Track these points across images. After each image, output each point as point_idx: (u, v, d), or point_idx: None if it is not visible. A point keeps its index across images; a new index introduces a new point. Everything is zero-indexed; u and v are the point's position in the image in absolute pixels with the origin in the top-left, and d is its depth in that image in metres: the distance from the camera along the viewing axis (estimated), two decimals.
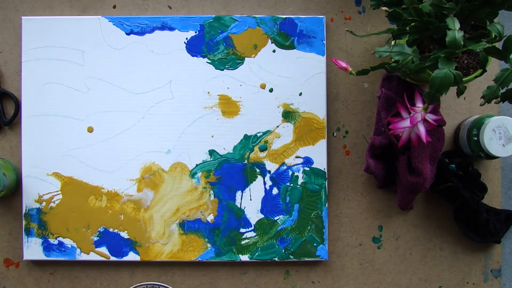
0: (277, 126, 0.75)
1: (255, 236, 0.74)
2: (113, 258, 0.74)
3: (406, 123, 0.66)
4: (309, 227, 0.74)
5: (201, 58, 0.75)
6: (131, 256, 0.74)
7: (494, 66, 0.75)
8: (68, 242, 0.74)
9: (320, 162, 0.75)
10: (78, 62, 0.75)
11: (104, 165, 0.74)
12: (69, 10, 0.77)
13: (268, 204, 0.75)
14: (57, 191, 0.74)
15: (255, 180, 0.75)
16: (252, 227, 0.74)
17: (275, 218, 0.75)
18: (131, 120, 0.75)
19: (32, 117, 0.74)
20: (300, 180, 0.75)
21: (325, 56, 0.75)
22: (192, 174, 0.75)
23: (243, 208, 0.75)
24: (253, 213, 0.75)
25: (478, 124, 0.69)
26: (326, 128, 0.75)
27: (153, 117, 0.75)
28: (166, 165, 0.75)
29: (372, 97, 0.76)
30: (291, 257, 0.74)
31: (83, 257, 0.74)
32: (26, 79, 0.75)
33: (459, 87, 0.56)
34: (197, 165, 0.75)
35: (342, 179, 0.76)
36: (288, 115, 0.75)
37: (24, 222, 0.74)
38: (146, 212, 0.74)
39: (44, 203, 0.74)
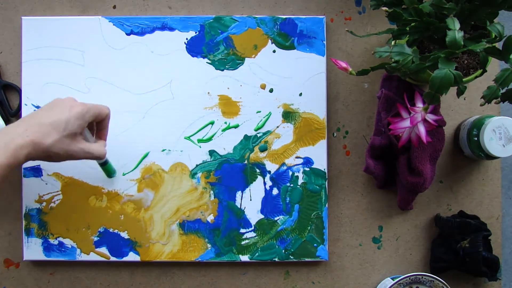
0: (277, 127, 0.75)
1: (255, 236, 0.74)
2: (113, 259, 0.74)
3: (406, 123, 0.66)
4: (309, 228, 0.74)
5: (201, 58, 0.75)
6: (131, 257, 0.74)
7: (494, 66, 0.75)
8: (68, 242, 0.74)
9: (320, 163, 0.75)
10: (78, 62, 0.75)
11: None
12: (69, 10, 0.77)
13: (268, 204, 0.75)
14: (57, 191, 0.74)
15: (255, 181, 0.75)
16: (252, 228, 0.74)
17: (275, 219, 0.75)
18: (131, 120, 0.75)
19: None
20: (300, 181, 0.75)
21: (325, 56, 0.75)
22: (192, 175, 0.75)
23: (243, 209, 0.75)
24: (253, 214, 0.75)
25: (478, 124, 0.69)
26: (326, 128, 0.75)
27: (153, 117, 0.75)
28: (166, 165, 0.75)
29: (372, 97, 0.76)
30: (291, 257, 0.74)
31: (83, 257, 0.74)
32: (26, 80, 0.75)
33: (459, 87, 0.56)
34: (197, 165, 0.75)
35: (342, 179, 0.76)
36: (288, 115, 0.75)
37: (24, 222, 0.74)
38: (146, 212, 0.74)
39: (44, 203, 0.74)
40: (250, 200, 0.75)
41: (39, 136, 0.56)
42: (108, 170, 0.72)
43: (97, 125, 0.67)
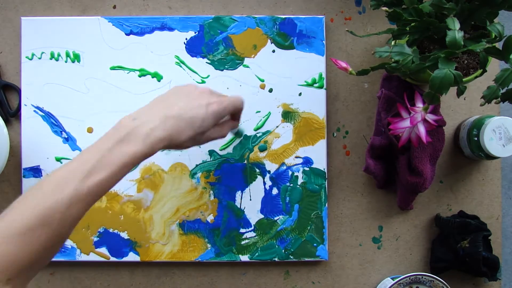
0: (277, 126, 0.75)
1: (255, 236, 0.74)
2: (113, 259, 0.74)
3: (406, 123, 0.66)
4: (309, 227, 0.74)
5: (201, 58, 0.75)
6: (131, 257, 0.74)
7: (494, 66, 0.75)
8: (68, 242, 0.74)
9: (320, 162, 0.75)
10: (78, 62, 0.75)
11: None
12: (69, 10, 0.77)
13: (268, 204, 0.75)
14: None
15: (255, 180, 0.75)
16: (252, 227, 0.74)
17: (275, 218, 0.75)
18: None
19: (32, 118, 0.74)
20: (300, 180, 0.75)
21: (324, 56, 0.75)
22: (192, 175, 0.75)
23: (243, 208, 0.75)
24: (253, 213, 0.74)
25: (478, 124, 0.69)
26: (326, 128, 0.75)
27: None
28: (166, 166, 0.75)
29: (372, 97, 0.76)
30: (291, 257, 0.74)
31: (83, 257, 0.74)
32: (26, 80, 0.75)
33: (459, 87, 0.56)
34: (197, 165, 0.75)
35: (342, 179, 0.76)
36: (288, 115, 0.75)
37: None
38: (146, 213, 0.74)
39: None
40: (250, 200, 0.75)
41: (176, 132, 0.57)
42: (238, 136, 0.75)
43: (231, 115, 0.67)
